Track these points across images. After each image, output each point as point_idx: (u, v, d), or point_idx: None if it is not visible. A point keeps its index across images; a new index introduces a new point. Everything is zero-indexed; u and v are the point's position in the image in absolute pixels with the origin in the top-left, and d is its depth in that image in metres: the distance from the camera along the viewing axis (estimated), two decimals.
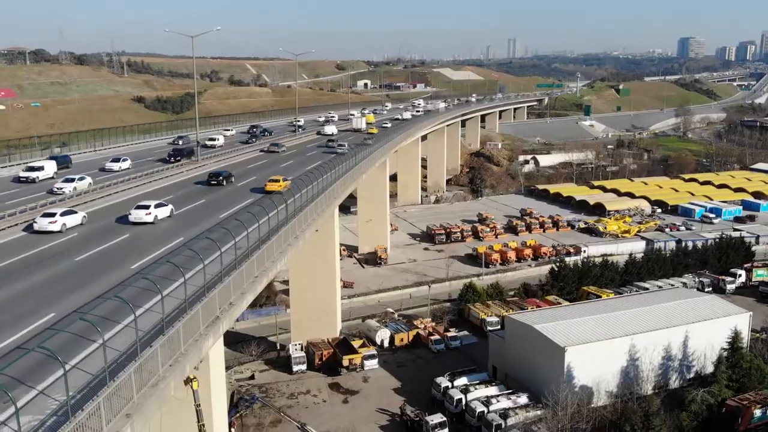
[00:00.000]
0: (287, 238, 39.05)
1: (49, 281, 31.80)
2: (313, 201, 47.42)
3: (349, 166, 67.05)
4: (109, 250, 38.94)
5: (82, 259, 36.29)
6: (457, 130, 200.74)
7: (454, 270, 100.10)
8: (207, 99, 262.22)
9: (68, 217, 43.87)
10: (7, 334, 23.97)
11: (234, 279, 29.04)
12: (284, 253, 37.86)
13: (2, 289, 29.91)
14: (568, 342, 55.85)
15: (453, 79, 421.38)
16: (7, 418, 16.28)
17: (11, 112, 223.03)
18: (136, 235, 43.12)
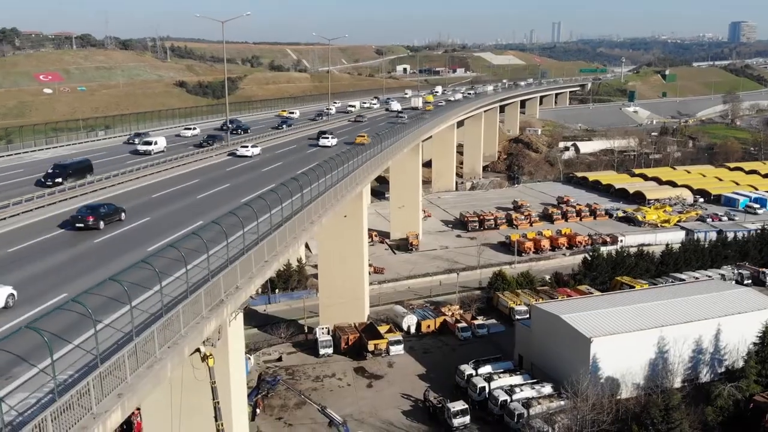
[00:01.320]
0: (301, 223, 39.36)
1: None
2: (322, 193, 46.98)
3: (372, 154, 66.96)
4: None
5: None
6: (495, 116, 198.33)
7: (485, 258, 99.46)
8: (247, 84, 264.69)
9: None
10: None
11: (242, 264, 29.52)
12: (298, 238, 38.23)
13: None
14: (594, 333, 55.03)
15: (494, 63, 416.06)
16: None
17: (58, 96, 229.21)
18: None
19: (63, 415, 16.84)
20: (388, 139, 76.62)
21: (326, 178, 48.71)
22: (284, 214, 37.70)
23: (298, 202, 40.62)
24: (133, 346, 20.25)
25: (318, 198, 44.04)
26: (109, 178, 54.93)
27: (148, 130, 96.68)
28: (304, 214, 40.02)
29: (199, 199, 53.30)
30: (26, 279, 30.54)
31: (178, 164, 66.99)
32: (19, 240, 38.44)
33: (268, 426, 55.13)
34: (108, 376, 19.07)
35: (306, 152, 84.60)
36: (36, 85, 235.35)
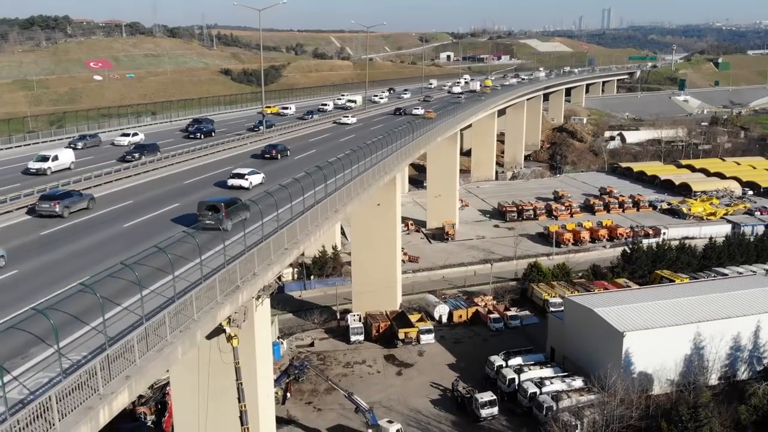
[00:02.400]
0: (324, 212, 39.62)
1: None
2: (347, 183, 46.94)
3: (403, 143, 66.77)
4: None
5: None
6: (538, 104, 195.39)
7: (523, 249, 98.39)
8: (290, 72, 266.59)
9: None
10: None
11: (260, 251, 30.00)
12: (320, 226, 38.53)
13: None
14: (627, 327, 54.05)
15: (540, 50, 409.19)
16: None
17: (107, 83, 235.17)
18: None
19: (71, 395, 17.53)
20: (420, 128, 76.38)
21: (352, 168, 48.75)
22: (306, 204, 37.92)
23: (323, 192, 40.89)
24: (143, 330, 20.87)
25: (343, 187, 44.17)
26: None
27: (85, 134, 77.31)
28: (327, 203, 40.28)
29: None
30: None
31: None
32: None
33: (297, 410, 56.00)
34: (119, 358, 19.77)
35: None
36: (86, 72, 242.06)
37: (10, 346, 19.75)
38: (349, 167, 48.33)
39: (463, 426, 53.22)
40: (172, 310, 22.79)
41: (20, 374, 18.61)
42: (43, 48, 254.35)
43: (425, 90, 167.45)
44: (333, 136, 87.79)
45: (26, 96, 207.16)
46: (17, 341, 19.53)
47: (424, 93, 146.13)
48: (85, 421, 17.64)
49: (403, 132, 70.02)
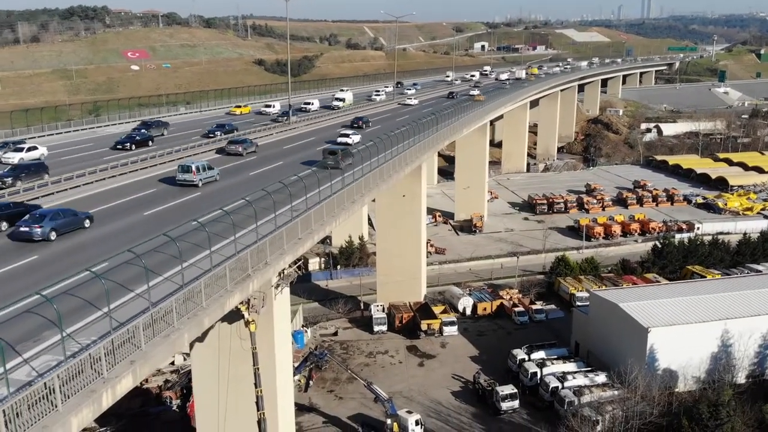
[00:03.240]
0: (341, 202, 39.81)
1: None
2: (366, 174, 46.95)
3: (425, 135, 66.35)
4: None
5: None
6: (573, 95, 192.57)
7: (552, 242, 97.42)
8: (323, 62, 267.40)
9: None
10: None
11: (272, 240, 30.38)
12: (336, 216, 38.74)
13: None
14: (652, 323, 53.21)
15: (577, 40, 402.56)
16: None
17: (144, 73, 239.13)
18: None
19: (76, 378, 18.08)
20: (445, 120, 76.00)
21: (371, 161, 48.75)
22: (321, 196, 38.21)
23: (343, 182, 41.19)
24: (149, 316, 21.37)
25: (361, 178, 44.28)
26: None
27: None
28: (344, 193, 40.46)
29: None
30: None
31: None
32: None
33: (319, 398, 56.59)
34: (126, 343, 20.30)
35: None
36: (124, 62, 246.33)
37: (24, 329, 20.43)
38: (368, 159, 48.38)
39: (483, 418, 53.14)
40: (180, 296, 23.33)
41: (31, 357, 19.24)
42: (82, 38, 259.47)
43: (439, 83, 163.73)
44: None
45: (65, 85, 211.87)
46: (31, 325, 20.17)
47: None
48: (88, 404, 18.16)
49: (428, 123, 69.81)
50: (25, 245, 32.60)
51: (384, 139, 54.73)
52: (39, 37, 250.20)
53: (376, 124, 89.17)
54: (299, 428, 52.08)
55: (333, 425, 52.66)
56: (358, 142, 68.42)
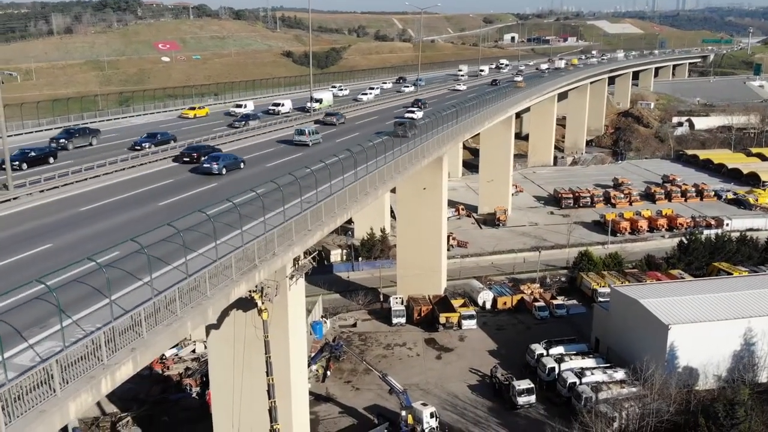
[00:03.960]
0: (353, 195, 39.92)
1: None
2: (381, 167, 46.79)
3: (447, 127, 65.97)
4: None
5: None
6: (603, 88, 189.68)
7: (577, 237, 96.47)
8: (350, 54, 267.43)
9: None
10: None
11: (280, 232, 30.67)
12: (348, 208, 38.87)
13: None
14: (673, 320, 52.44)
15: (609, 32, 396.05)
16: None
17: (174, 64, 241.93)
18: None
19: (76, 364, 18.55)
20: (467, 112, 75.56)
21: (385, 154, 48.74)
22: (332, 190, 38.39)
23: (356, 175, 41.36)
24: (151, 305, 21.80)
25: (375, 171, 44.29)
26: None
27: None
28: (357, 186, 40.57)
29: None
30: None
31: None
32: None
33: (336, 388, 57.01)
34: (128, 330, 20.74)
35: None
36: (155, 53, 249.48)
37: (33, 316, 21.00)
38: (383, 152, 48.27)
39: (499, 413, 53.01)
40: (184, 286, 23.77)
41: (36, 342, 19.78)
42: (115, 30, 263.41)
43: (451, 78, 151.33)
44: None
45: (97, 76, 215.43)
46: (41, 311, 20.74)
47: (444, 82, 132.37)
48: (86, 389, 18.63)
49: (449, 116, 69.55)
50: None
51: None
52: (72, 29, 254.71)
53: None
54: (316, 417, 52.64)
55: (349, 415, 53.02)
56: (421, 117, 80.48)
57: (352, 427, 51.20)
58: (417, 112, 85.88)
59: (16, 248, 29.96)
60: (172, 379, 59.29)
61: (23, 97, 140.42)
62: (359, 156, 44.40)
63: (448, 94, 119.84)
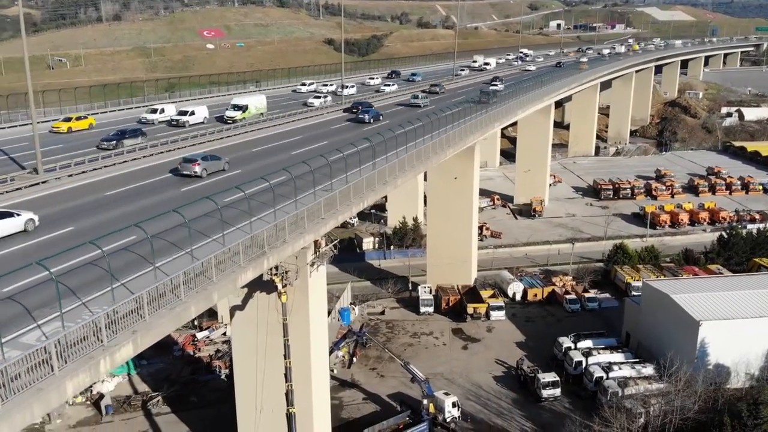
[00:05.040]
0: (371, 184, 40.02)
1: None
2: (401, 155, 46.67)
3: (471, 119, 65.00)
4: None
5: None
6: (649, 77, 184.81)
7: (615, 229, 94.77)
8: (391, 42, 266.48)
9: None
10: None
11: (290, 220, 31.11)
12: (364, 198, 39.00)
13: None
14: (704, 316, 51.22)
15: (659, 19, 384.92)
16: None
17: (219, 51, 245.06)
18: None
19: (77, 345, 19.27)
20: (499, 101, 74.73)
21: (407, 146, 48.47)
22: (348, 179, 38.74)
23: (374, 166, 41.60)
24: (154, 288, 22.44)
25: (396, 160, 44.26)
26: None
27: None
28: (375, 175, 40.67)
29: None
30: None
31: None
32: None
33: (361, 375, 57.55)
34: (132, 313, 21.40)
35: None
36: (200, 40, 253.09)
37: (44, 297, 21.86)
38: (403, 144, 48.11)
39: (522, 405, 52.79)
40: (190, 271, 24.40)
41: (43, 323, 20.59)
42: (161, 17, 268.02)
43: (456, 73, 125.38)
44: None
45: (143, 63, 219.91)
46: (51, 294, 21.59)
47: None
48: (85, 369, 19.33)
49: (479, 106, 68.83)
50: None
51: (431, 120, 54.41)
52: (121, 16, 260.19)
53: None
54: (339, 403, 53.32)
55: (372, 402, 53.52)
56: (500, 90, 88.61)
57: (374, 413, 51.65)
58: (499, 85, 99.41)
59: (40, 231, 31.11)
60: (202, 360, 60.75)
61: (72, 83, 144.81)
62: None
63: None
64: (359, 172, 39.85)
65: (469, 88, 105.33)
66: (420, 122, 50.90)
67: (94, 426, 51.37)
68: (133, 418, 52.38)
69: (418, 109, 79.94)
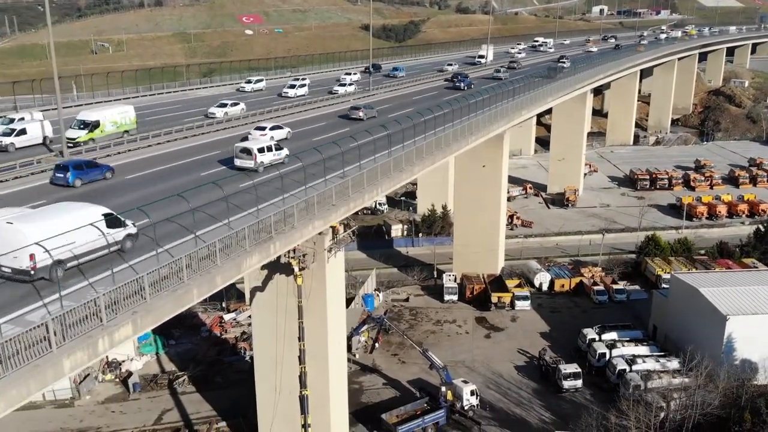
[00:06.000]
0: (386, 171, 39.96)
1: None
2: (419, 142, 46.38)
3: (502, 104, 64.20)
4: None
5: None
6: (692, 64, 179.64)
7: (650, 220, 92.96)
8: (429, 27, 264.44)
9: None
10: None
11: (302, 205, 31.47)
12: (378, 185, 38.99)
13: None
14: (732, 310, 50.07)
15: (705, 5, 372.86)
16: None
17: (257, 37, 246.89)
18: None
19: (78, 324, 19.92)
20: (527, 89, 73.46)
21: (426, 134, 48.22)
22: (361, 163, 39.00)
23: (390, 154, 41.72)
24: (156, 271, 23.01)
25: (413, 147, 44.13)
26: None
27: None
28: (391, 162, 40.64)
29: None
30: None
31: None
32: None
33: (383, 360, 57.98)
34: (135, 294, 22.00)
35: None
36: (239, 26, 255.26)
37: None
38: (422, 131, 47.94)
39: (543, 395, 52.53)
40: (194, 254, 24.98)
41: (49, 302, 21.36)
42: (202, 2, 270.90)
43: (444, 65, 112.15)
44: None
45: (183, 48, 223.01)
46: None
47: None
48: (83, 348, 19.97)
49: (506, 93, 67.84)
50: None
51: (453, 108, 53.99)
52: (162, 1, 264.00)
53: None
54: (360, 387, 53.90)
55: (392, 387, 53.92)
56: (567, 67, 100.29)
57: (393, 399, 52.04)
58: (567, 63, 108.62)
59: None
60: (228, 342, 61.99)
61: (113, 68, 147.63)
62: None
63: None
64: (374, 159, 39.99)
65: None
66: (441, 110, 50.53)
67: (121, 402, 52.99)
68: (159, 396, 53.84)
69: (458, 92, 79.32)
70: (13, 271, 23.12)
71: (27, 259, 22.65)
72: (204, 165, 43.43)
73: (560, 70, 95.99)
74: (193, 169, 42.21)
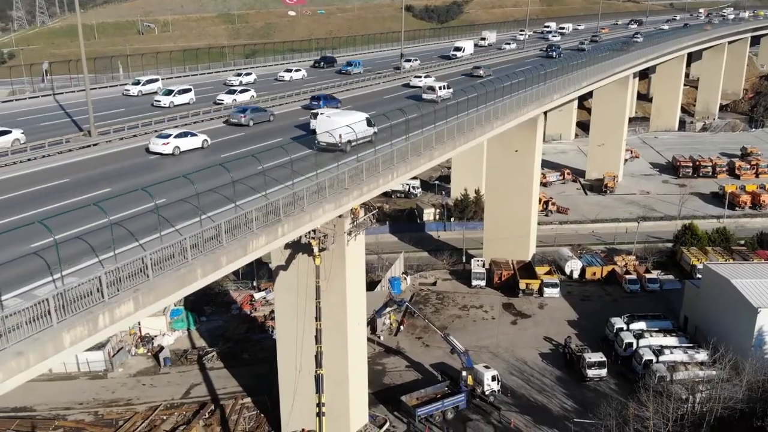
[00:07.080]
0: (403, 157, 39.88)
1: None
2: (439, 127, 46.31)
3: (520, 93, 62.61)
4: None
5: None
6: (744, 48, 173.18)
7: (690, 208, 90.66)
8: (472, 8, 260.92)
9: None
10: None
11: (313, 189, 31.81)
12: (394, 170, 38.96)
13: None
14: (764, 303, 48.72)
15: None
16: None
17: (300, 19, 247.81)
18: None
19: (79, 300, 20.71)
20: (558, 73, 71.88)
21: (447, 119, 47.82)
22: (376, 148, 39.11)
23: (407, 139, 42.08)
24: (159, 249, 23.70)
25: (433, 131, 43.90)
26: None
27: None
28: (408, 147, 40.59)
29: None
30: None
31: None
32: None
33: (407, 343, 58.39)
34: (139, 273, 22.70)
35: None
36: (282, 7, 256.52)
37: (69, 251, 23.53)
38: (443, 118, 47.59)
39: (566, 383, 52.17)
40: (200, 234, 25.65)
41: (57, 278, 22.18)
42: None
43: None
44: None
45: (227, 29, 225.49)
46: (72, 250, 23.19)
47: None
48: (83, 323, 20.72)
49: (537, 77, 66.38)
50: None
51: (477, 93, 53.31)
52: None
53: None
54: (383, 369, 54.48)
55: (415, 370, 54.30)
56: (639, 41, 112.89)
57: (415, 381, 52.42)
58: (640, 38, 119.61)
59: (80, 190, 33.12)
60: (257, 320, 63.26)
61: (159, 48, 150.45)
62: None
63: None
64: (391, 144, 40.15)
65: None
66: (465, 95, 49.81)
67: (152, 376, 54.77)
68: (188, 371, 55.43)
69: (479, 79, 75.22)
70: (327, 144, 41.15)
71: (337, 136, 40.70)
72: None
73: (633, 44, 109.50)
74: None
